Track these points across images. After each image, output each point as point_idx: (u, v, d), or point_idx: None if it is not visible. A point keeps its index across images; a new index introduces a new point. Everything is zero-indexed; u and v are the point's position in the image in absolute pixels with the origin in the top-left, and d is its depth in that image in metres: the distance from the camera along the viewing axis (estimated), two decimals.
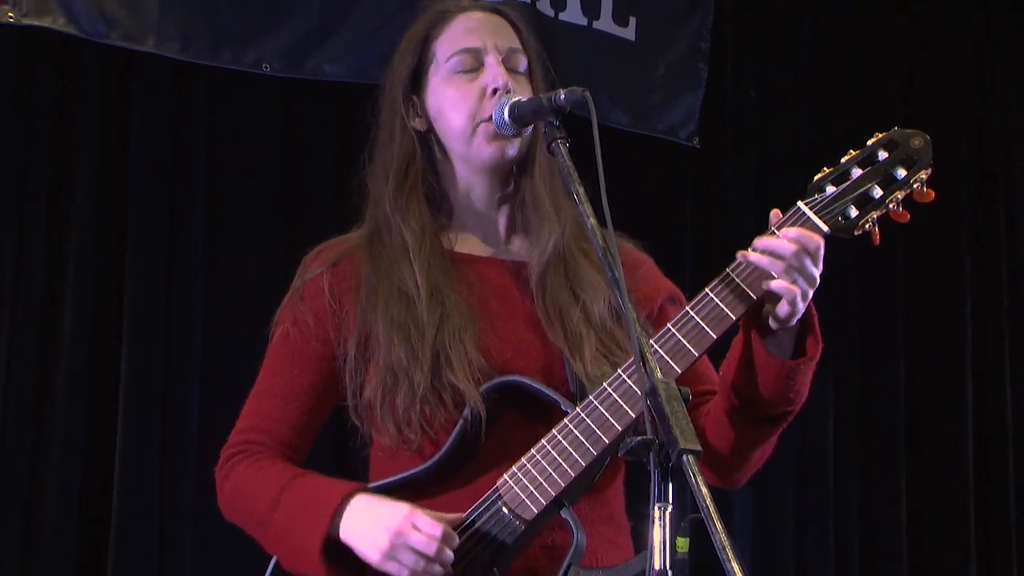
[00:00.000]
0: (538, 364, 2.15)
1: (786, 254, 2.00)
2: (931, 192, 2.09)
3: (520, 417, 2.10)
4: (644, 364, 1.75)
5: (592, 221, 1.91)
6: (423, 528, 1.99)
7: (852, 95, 4.94)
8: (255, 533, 2.18)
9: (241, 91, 3.94)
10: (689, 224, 4.63)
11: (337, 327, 2.19)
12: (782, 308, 2.01)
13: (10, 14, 3.55)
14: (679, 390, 1.72)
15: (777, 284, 2.01)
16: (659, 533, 1.65)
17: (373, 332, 2.15)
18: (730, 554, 1.58)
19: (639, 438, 1.69)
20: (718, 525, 1.60)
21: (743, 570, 1.58)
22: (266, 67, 3.91)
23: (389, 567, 2.01)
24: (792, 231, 2.01)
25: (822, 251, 2.02)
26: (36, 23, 3.59)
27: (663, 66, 4.54)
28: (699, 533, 1.72)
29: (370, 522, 2.02)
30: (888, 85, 5.01)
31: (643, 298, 2.24)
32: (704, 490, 1.61)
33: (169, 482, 3.68)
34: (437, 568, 2.00)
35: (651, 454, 1.67)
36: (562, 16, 4.32)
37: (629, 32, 4.46)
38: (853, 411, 4.80)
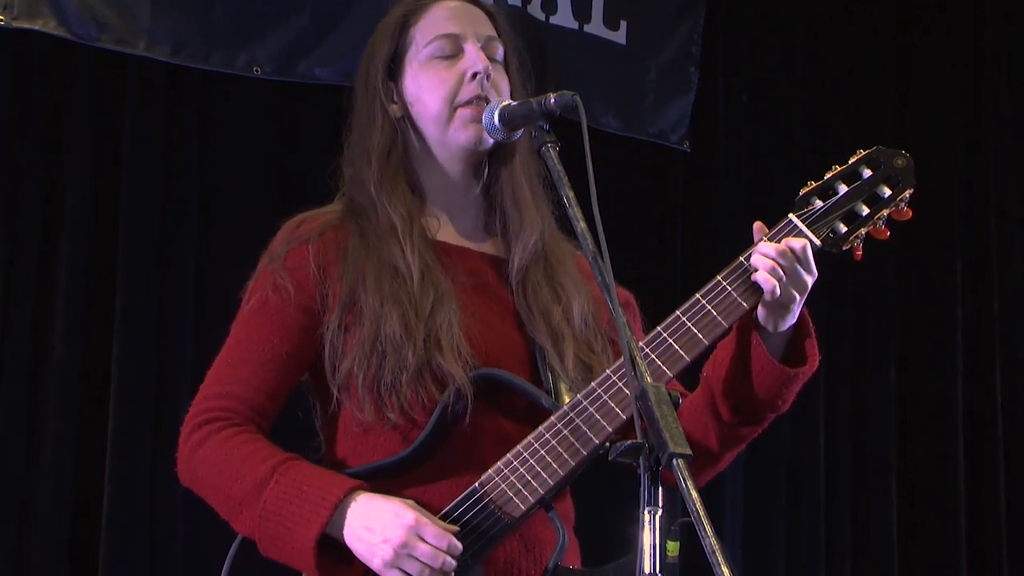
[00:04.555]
0: (519, 359, 2.15)
1: (781, 261, 2.06)
2: (910, 211, 2.17)
3: (491, 408, 2.11)
4: (634, 368, 1.75)
5: (582, 225, 1.92)
6: (430, 539, 1.99)
7: (846, 98, 4.94)
8: (226, 509, 2.12)
9: (235, 93, 3.93)
10: (680, 228, 4.63)
11: (322, 297, 2.15)
12: (775, 314, 2.08)
13: (0, 17, 3.55)
14: (669, 394, 1.72)
15: (768, 288, 2.05)
16: (648, 537, 1.65)
17: (360, 305, 2.12)
18: (720, 559, 1.59)
19: (629, 442, 1.70)
20: (708, 529, 1.60)
21: (733, 575, 1.58)
22: (257, 70, 3.90)
23: (391, 574, 2.00)
24: (786, 240, 2.09)
25: (812, 258, 2.09)
26: (27, 26, 3.57)
27: (654, 70, 4.54)
28: (689, 537, 1.72)
29: (375, 529, 2.00)
30: (883, 88, 5.00)
31: (602, 304, 2.23)
32: (694, 494, 1.62)
33: (161, 484, 3.67)
34: None
35: (641, 458, 1.68)
36: (553, 20, 4.32)
37: (620, 36, 4.46)
38: (845, 415, 4.80)
